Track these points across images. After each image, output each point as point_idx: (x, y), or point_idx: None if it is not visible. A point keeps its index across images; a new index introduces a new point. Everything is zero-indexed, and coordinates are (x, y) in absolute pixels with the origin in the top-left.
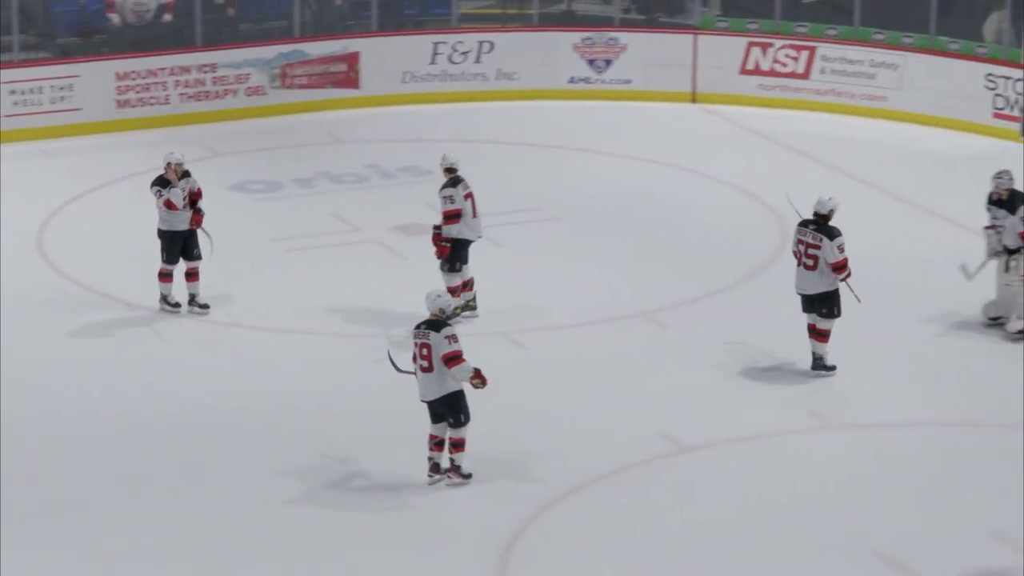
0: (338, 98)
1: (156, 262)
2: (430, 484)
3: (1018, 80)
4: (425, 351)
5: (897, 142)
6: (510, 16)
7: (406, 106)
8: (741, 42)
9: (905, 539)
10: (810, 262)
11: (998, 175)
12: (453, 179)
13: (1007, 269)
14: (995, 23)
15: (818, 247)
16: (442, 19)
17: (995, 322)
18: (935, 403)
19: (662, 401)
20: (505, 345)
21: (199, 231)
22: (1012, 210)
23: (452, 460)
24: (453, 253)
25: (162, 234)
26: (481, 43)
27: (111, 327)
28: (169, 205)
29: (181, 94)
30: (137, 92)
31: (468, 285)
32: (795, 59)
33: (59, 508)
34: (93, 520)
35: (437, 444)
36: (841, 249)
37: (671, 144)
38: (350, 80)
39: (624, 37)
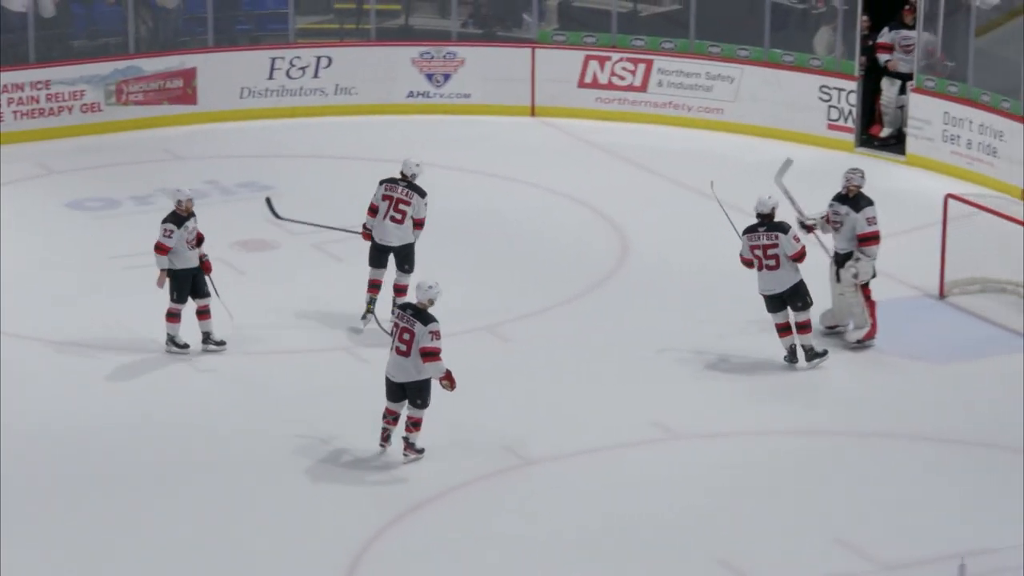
0: (175, 114)
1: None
2: (381, 454)
3: (851, 92)
4: (407, 336)
5: (734, 153)
6: (348, 31)
7: (244, 122)
8: (579, 55)
9: (750, 547)
10: (772, 262)
11: (851, 171)
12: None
13: (839, 279)
14: (825, 36)
15: (775, 245)
16: (279, 34)
17: (833, 331)
18: (779, 412)
19: (506, 414)
20: (348, 361)
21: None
22: (856, 209)
23: (407, 438)
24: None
25: (172, 273)
26: (319, 58)
27: None
28: (158, 248)
29: (15, 111)
30: None
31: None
32: (632, 72)
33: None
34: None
35: (394, 419)
36: (797, 239)
37: (511, 158)
38: (187, 96)
39: (462, 51)
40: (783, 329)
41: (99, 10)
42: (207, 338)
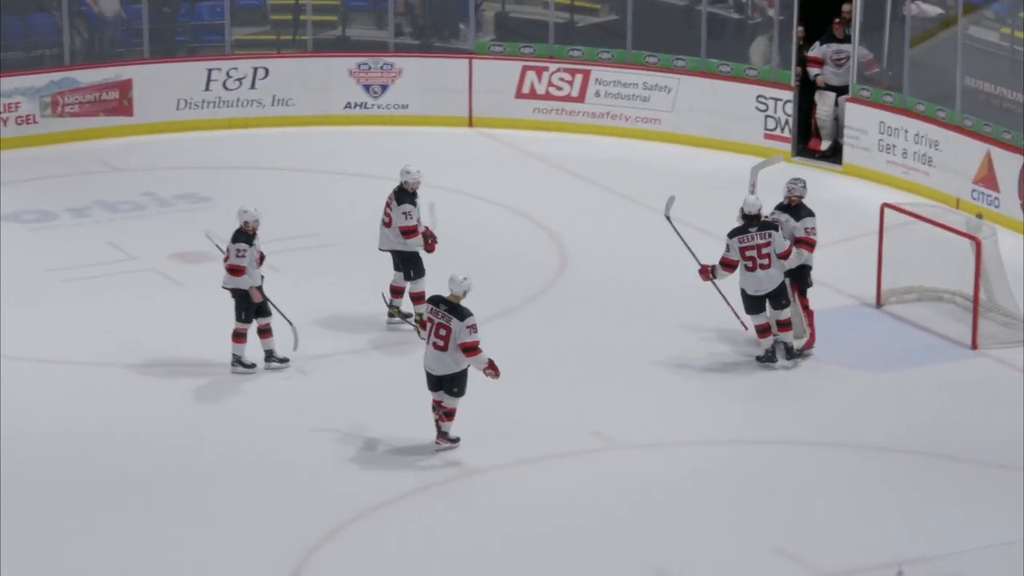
0: (112, 126)
1: None
2: (437, 451)
3: (787, 102)
4: (443, 332)
5: (672, 163)
6: (284, 42)
7: (181, 133)
8: (516, 66)
9: (689, 557)
10: (766, 261)
11: (793, 181)
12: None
13: None
14: (762, 47)
15: (769, 243)
16: (215, 45)
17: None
18: (719, 422)
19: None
20: (286, 372)
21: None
22: (796, 218)
23: (440, 427)
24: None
25: (236, 293)
26: (256, 69)
27: None
28: (234, 270)
29: None
30: None
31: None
32: (570, 83)
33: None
34: None
35: (441, 407)
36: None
37: (449, 168)
38: (123, 108)
39: (399, 62)
40: (764, 330)
41: (34, 21)
42: (270, 356)
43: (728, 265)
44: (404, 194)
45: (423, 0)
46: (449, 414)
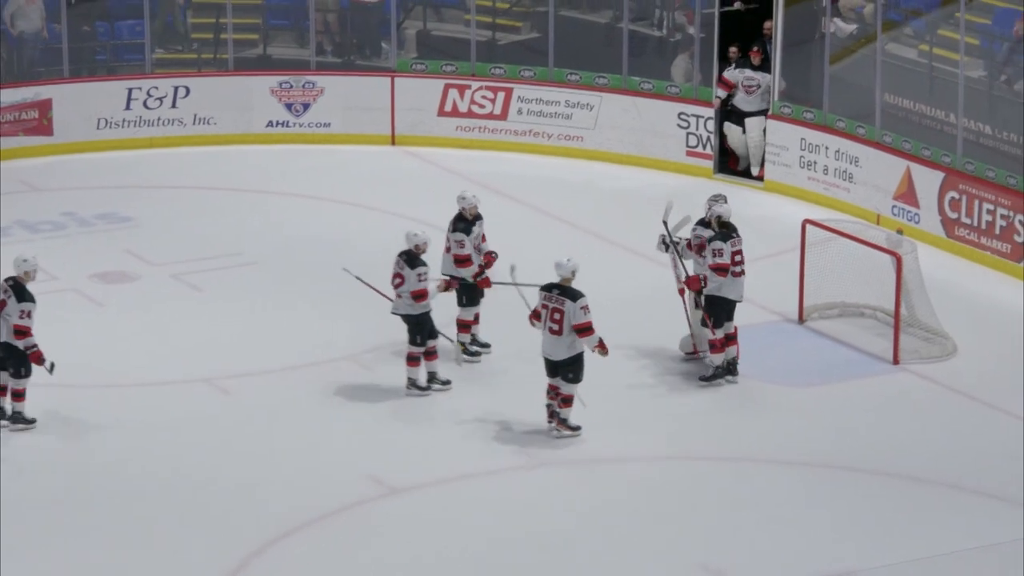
0: (31, 145)
1: None
2: (551, 432)
3: (709, 119)
4: (558, 316)
5: (594, 180)
6: (205, 61)
7: (102, 152)
8: (438, 84)
9: (613, 573)
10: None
11: (713, 198)
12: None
13: (697, 305)
14: (683, 64)
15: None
16: (136, 65)
17: (692, 356)
18: (642, 439)
19: (370, 443)
20: (209, 392)
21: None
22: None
23: (558, 415)
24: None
25: (409, 319)
26: (176, 88)
27: None
28: (419, 296)
29: None
30: None
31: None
32: (492, 100)
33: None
34: None
35: (556, 394)
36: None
37: (371, 187)
38: (43, 127)
39: (321, 80)
40: (722, 345)
41: None
42: (432, 378)
43: (722, 270)
44: (460, 222)
45: (344, 18)
46: (566, 400)
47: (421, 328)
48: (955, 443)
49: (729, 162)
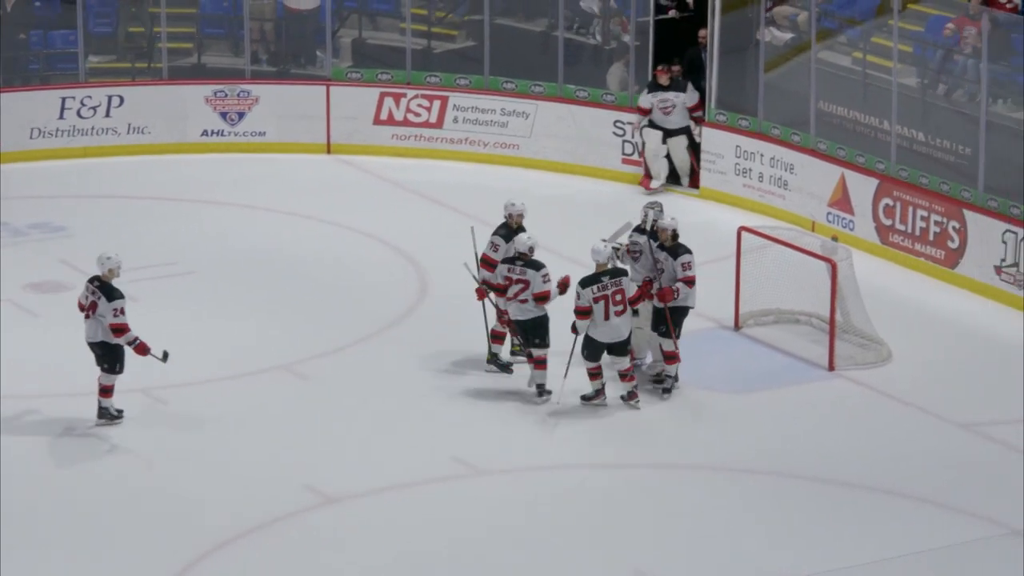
0: None
1: None
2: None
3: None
4: (620, 296)
5: (530, 188)
6: (139, 70)
7: (35, 162)
8: (374, 92)
9: None
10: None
11: (650, 206)
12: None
13: (636, 313)
14: (618, 72)
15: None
16: (69, 74)
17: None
18: (580, 446)
19: (306, 453)
20: (146, 401)
21: None
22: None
23: (631, 390)
24: None
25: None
26: (110, 97)
27: None
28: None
29: None
30: None
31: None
32: (428, 109)
33: None
34: None
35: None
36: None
37: (307, 196)
38: None
39: (256, 89)
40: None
41: None
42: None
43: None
44: (503, 228)
45: (279, 27)
46: (628, 375)
47: (545, 328)
48: (890, 449)
49: (641, 180)
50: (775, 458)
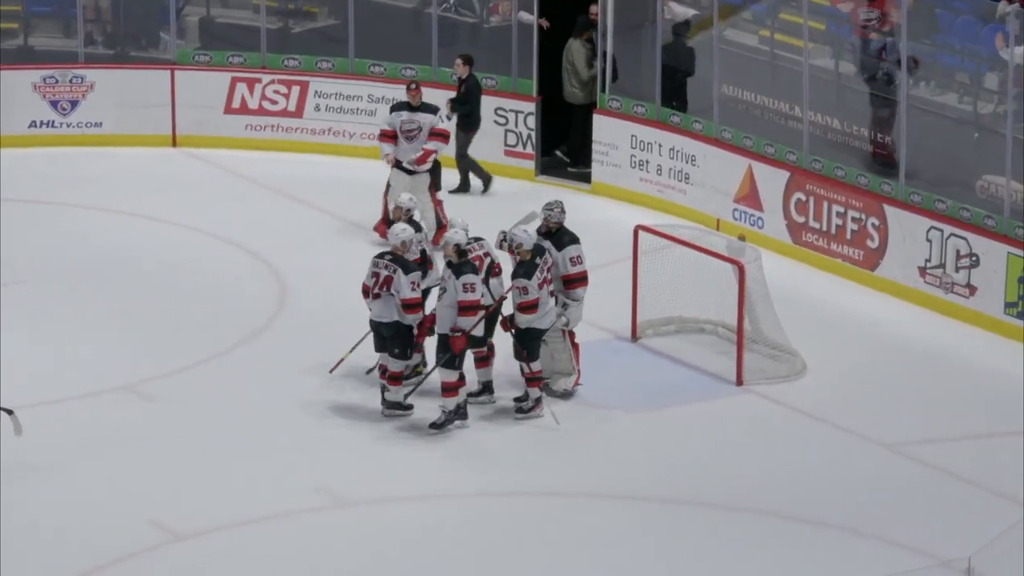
0: None
1: None
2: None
3: (530, 114)
4: (549, 270)
5: None
6: None
7: None
8: (225, 78)
9: None
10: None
11: (548, 206)
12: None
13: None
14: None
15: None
16: None
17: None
18: (460, 472)
19: (152, 484)
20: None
21: None
22: (559, 245)
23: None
24: None
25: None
26: None
27: None
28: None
29: None
30: None
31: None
32: (286, 96)
33: None
34: None
35: None
36: None
37: (151, 194)
38: None
39: (91, 75)
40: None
41: None
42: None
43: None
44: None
45: (117, 5)
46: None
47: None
48: (806, 472)
49: (376, 226)
50: (677, 484)
